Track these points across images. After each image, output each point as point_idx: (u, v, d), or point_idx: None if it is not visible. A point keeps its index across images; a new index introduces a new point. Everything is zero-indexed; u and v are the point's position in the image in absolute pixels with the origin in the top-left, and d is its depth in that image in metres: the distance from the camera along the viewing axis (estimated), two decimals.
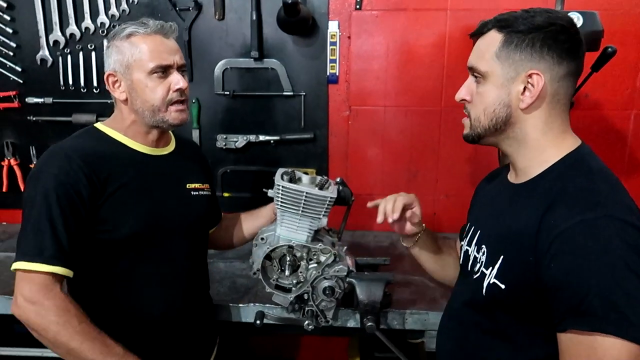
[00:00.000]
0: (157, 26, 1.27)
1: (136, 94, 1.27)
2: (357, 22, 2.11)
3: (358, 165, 2.25)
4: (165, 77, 1.27)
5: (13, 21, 2.16)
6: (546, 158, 1.00)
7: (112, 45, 1.29)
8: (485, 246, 1.06)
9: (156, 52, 1.25)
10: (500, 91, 0.98)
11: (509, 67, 0.97)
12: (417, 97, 2.16)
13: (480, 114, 1.02)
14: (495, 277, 0.99)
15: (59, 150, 1.22)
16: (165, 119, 1.29)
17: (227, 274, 1.85)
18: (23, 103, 2.22)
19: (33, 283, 1.15)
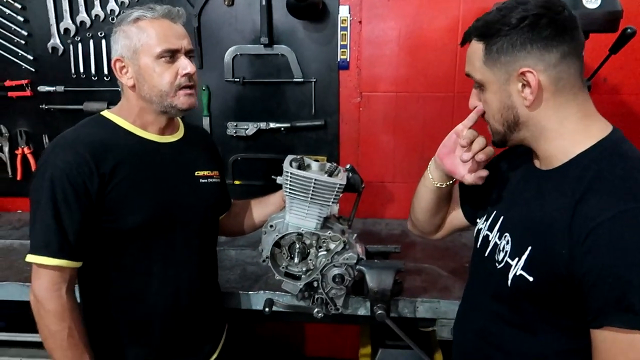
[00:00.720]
0: (165, 10, 1.25)
1: (144, 80, 1.25)
2: (368, 7, 2.07)
3: (369, 153, 2.22)
4: (173, 62, 1.25)
5: (24, 9, 2.17)
6: (572, 145, 0.95)
7: (119, 30, 1.27)
8: (509, 235, 1.02)
9: (164, 36, 1.23)
10: (501, 95, 0.97)
11: (499, 71, 0.95)
12: (429, 82, 2.12)
13: (493, 120, 1.02)
14: (523, 268, 0.95)
15: (64, 141, 1.22)
16: (173, 104, 1.27)
17: (237, 262, 1.85)
18: (35, 92, 2.24)
19: (42, 279, 1.19)
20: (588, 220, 0.84)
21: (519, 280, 0.96)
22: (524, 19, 0.91)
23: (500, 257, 1.03)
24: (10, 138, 2.32)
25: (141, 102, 1.29)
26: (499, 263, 1.03)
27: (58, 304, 1.18)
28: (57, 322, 1.19)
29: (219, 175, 1.49)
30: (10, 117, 2.30)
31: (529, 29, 0.91)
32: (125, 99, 1.33)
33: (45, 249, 1.16)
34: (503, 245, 1.03)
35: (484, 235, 1.14)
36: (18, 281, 1.69)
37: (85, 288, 1.32)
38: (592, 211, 0.84)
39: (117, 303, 1.30)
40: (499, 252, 1.04)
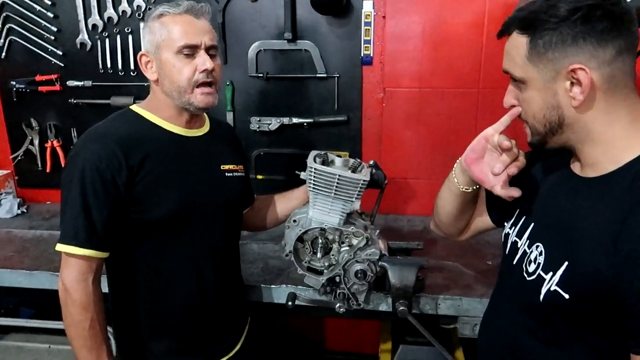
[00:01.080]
0: (188, 6, 1.27)
1: (164, 74, 1.28)
2: (392, 1, 2.06)
3: (392, 149, 2.22)
4: (193, 58, 1.26)
5: (54, 6, 2.21)
6: (621, 152, 0.86)
7: (145, 26, 1.31)
8: (542, 245, 0.94)
9: (184, 32, 1.25)
10: (545, 94, 0.88)
11: (545, 68, 0.86)
12: (453, 78, 2.10)
13: (533, 120, 0.93)
14: (557, 284, 0.87)
15: (94, 134, 1.25)
16: (190, 101, 1.28)
17: (260, 255, 1.87)
18: (64, 86, 2.29)
19: (70, 268, 1.23)
20: (637, 237, 0.76)
21: (553, 296, 0.88)
22: (576, 11, 0.82)
23: (531, 268, 0.96)
24: (41, 131, 2.38)
25: (164, 97, 1.32)
26: (530, 274, 0.96)
27: (84, 294, 1.22)
28: (82, 312, 1.22)
29: (244, 170, 1.51)
30: (41, 111, 2.36)
31: (582, 22, 0.82)
32: (153, 93, 1.36)
33: (74, 239, 1.20)
34: (535, 255, 0.95)
35: (513, 242, 1.07)
36: (48, 270, 1.74)
37: (112, 279, 1.36)
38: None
39: (143, 294, 1.33)
40: (529, 262, 0.97)
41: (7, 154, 2.45)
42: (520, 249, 1.02)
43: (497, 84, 2.05)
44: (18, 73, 2.30)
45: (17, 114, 2.38)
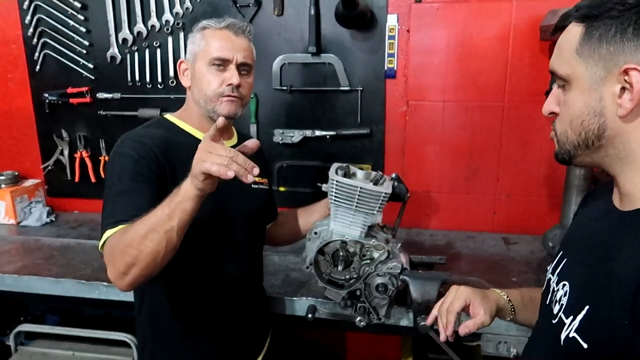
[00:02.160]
0: (229, 22, 1.34)
1: (195, 83, 1.34)
2: (416, 15, 2.06)
3: (415, 162, 2.20)
4: (223, 72, 1.31)
5: (86, 21, 2.29)
6: None
7: (190, 35, 1.38)
8: (568, 284, 0.84)
9: (219, 45, 1.30)
10: (589, 97, 0.76)
11: (595, 65, 0.74)
12: (478, 92, 2.09)
13: (567, 127, 0.80)
14: (576, 331, 0.77)
15: (132, 136, 1.28)
16: (215, 109, 1.32)
17: (280, 267, 1.87)
18: (94, 98, 2.35)
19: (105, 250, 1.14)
20: None
21: (572, 343, 0.78)
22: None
23: (555, 309, 0.86)
24: (70, 142, 2.45)
25: (193, 104, 1.37)
26: (554, 317, 0.85)
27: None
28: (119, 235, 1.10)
29: (268, 184, 1.53)
30: (71, 122, 2.43)
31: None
32: (186, 102, 1.41)
33: (120, 221, 1.13)
34: (560, 295, 0.85)
35: (548, 279, 0.97)
36: (74, 278, 1.77)
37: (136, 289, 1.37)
38: None
39: (166, 305, 1.34)
40: (554, 302, 0.87)
41: (38, 163, 2.52)
42: (551, 286, 0.93)
43: (522, 97, 2.03)
44: (51, 86, 2.38)
45: (48, 125, 2.45)
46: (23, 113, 2.47)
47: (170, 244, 1.07)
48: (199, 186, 1.03)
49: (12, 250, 2.07)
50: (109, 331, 1.91)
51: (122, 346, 1.91)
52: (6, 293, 1.85)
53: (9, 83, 2.46)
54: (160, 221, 1.05)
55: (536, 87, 1.96)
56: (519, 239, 2.11)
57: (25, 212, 2.42)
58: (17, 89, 2.45)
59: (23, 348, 2.02)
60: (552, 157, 0.91)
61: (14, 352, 2.01)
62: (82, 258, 1.96)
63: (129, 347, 1.87)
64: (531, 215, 2.15)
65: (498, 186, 2.17)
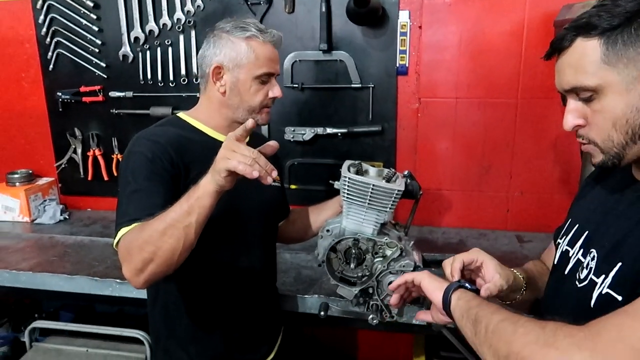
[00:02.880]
0: (274, 37, 1.35)
1: (238, 92, 1.33)
2: (428, 11, 2.05)
3: (427, 159, 2.19)
4: (266, 84, 1.34)
5: (99, 20, 2.31)
6: None
7: (225, 38, 1.31)
8: (595, 250, 0.90)
9: (268, 61, 1.32)
10: (628, 97, 0.82)
11: (626, 67, 0.81)
12: (491, 88, 2.07)
13: (611, 131, 0.85)
14: (610, 286, 0.83)
15: (146, 135, 1.29)
16: (255, 119, 1.32)
17: (292, 265, 1.87)
18: (106, 97, 2.37)
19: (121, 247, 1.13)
20: None
21: (605, 299, 0.83)
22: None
23: (583, 274, 0.91)
24: (83, 140, 2.47)
25: (224, 108, 1.36)
26: (581, 281, 0.91)
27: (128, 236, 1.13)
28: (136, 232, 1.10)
29: (280, 182, 1.53)
30: (84, 120, 2.45)
31: None
32: (208, 102, 1.38)
33: (134, 219, 1.14)
34: (587, 261, 0.91)
35: (563, 251, 1.02)
36: (87, 275, 1.79)
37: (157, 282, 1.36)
38: None
39: (180, 299, 1.34)
40: (581, 269, 0.93)
41: (51, 161, 2.55)
42: (572, 258, 0.98)
43: (536, 94, 2.01)
44: (64, 84, 2.40)
45: (62, 123, 2.48)
46: (36, 112, 2.50)
47: (188, 241, 1.08)
48: (220, 182, 1.05)
49: (27, 247, 2.10)
50: (122, 328, 1.92)
51: (135, 343, 1.92)
52: (21, 290, 1.87)
53: (22, 82, 2.48)
54: (179, 217, 1.06)
55: (550, 83, 1.90)
56: (532, 237, 2.09)
57: (39, 210, 2.45)
58: (31, 88, 2.47)
59: (38, 344, 2.05)
60: (567, 154, 0.95)
61: (28, 348, 2.04)
62: (95, 255, 1.98)
63: (142, 344, 1.89)
64: (545, 212, 2.13)
65: (511, 183, 2.15)
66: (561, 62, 0.89)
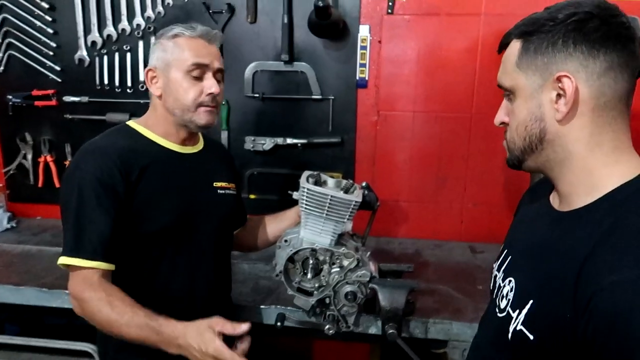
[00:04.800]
0: (203, 31, 1.31)
1: (170, 92, 1.30)
2: (388, 27, 2.10)
3: (385, 171, 2.23)
4: (200, 81, 1.30)
5: (54, 22, 2.24)
6: (596, 183, 0.80)
7: (158, 42, 1.33)
8: (514, 280, 0.89)
9: (196, 53, 1.29)
10: (530, 104, 0.83)
11: (533, 74, 0.82)
12: (447, 102, 2.13)
13: (514, 132, 0.88)
14: (523, 323, 0.82)
15: (93, 148, 1.26)
16: (192, 119, 1.32)
17: (250, 275, 1.85)
18: (60, 101, 2.30)
19: (77, 278, 1.20)
20: (595, 277, 0.70)
21: (519, 336, 0.82)
22: (572, 16, 0.78)
23: (502, 304, 0.91)
24: (34, 146, 2.38)
25: (165, 113, 1.34)
26: (501, 311, 0.91)
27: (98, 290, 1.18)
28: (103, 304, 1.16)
29: (236, 189, 1.53)
30: (35, 125, 2.36)
31: (575, 27, 0.78)
32: (153, 109, 1.38)
33: (78, 251, 1.19)
34: (507, 291, 0.90)
35: (494, 275, 1.02)
36: (35, 286, 1.72)
37: None
38: (601, 268, 0.70)
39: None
40: (501, 297, 0.92)
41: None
42: (497, 282, 0.98)
43: (489, 109, 2.07)
44: (15, 87, 2.31)
45: (12, 128, 2.38)
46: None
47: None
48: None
49: None
50: (71, 341, 1.85)
51: (84, 356, 1.85)
52: None
53: None
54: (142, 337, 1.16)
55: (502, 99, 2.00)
56: (485, 247, 2.16)
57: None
58: None
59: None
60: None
61: None
62: (44, 265, 1.90)
63: (92, 357, 1.82)
64: (497, 224, 2.20)
65: (465, 195, 2.22)
66: (503, 57, 0.91)
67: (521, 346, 0.82)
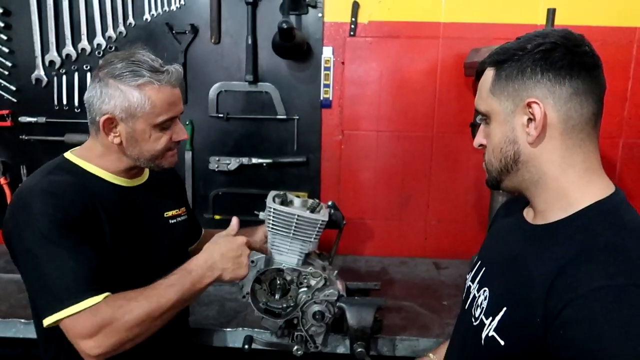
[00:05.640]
0: (170, 78, 1.21)
1: (136, 142, 1.22)
2: (351, 48, 2.14)
3: (350, 190, 2.25)
4: (168, 129, 1.25)
5: (10, 41, 2.17)
6: (569, 202, 0.86)
7: (113, 86, 1.18)
8: (488, 290, 0.95)
9: (167, 106, 1.21)
10: (504, 128, 0.89)
11: (506, 100, 0.88)
12: (409, 122, 2.18)
13: (491, 155, 0.93)
14: (495, 330, 0.87)
15: (43, 189, 1.15)
16: (161, 165, 1.29)
17: (215, 298, 1.82)
18: (16, 122, 2.22)
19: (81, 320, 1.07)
20: (566, 289, 0.75)
21: (491, 342, 0.87)
22: (540, 46, 0.85)
23: (477, 313, 0.95)
24: None
25: (122, 156, 1.26)
26: (476, 319, 0.95)
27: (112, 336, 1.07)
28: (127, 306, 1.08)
29: (186, 211, 1.48)
30: None
31: (542, 56, 0.84)
32: (102, 148, 1.26)
33: (69, 299, 1.06)
34: (481, 300, 0.95)
35: (467, 286, 1.08)
36: None
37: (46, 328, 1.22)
38: (572, 281, 0.75)
39: None
40: (476, 306, 0.97)
41: None
42: (472, 293, 1.02)
43: (449, 128, 2.15)
44: None
45: None
46: None
47: None
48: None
49: None
50: None
51: None
52: None
53: None
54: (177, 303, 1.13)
55: (462, 119, 2.08)
56: (449, 263, 2.20)
57: None
58: None
59: None
60: (478, 184, 1.06)
61: None
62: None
63: None
64: (460, 240, 2.25)
65: (429, 213, 2.26)
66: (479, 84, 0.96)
67: (493, 352, 0.87)
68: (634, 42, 2.05)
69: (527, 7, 2.04)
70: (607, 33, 2.03)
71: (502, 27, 2.04)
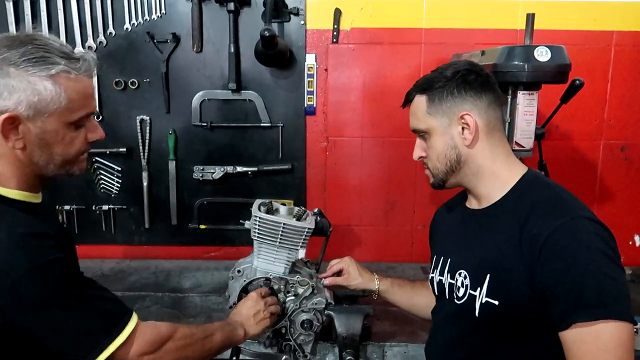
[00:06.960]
0: (88, 66, 1.01)
1: (44, 146, 0.99)
2: (334, 55, 2.15)
3: (336, 196, 2.25)
4: (84, 125, 1.04)
5: None
6: (504, 182, 1.11)
7: (16, 76, 0.93)
8: (465, 271, 1.12)
9: (84, 100, 1.01)
10: (445, 138, 1.12)
11: (442, 117, 1.11)
12: (393, 128, 2.19)
13: (436, 162, 1.15)
14: (487, 295, 1.05)
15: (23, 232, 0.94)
16: (72, 171, 1.07)
17: (202, 308, 1.80)
18: None
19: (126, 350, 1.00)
20: (536, 237, 0.98)
21: (487, 306, 1.05)
22: (457, 72, 1.11)
23: (460, 293, 1.13)
24: None
25: (25, 167, 1.01)
26: (459, 299, 1.12)
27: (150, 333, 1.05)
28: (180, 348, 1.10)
29: None
30: None
31: (462, 80, 1.10)
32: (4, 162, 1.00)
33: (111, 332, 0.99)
34: (460, 282, 1.13)
35: (438, 281, 1.24)
36: None
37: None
38: (538, 229, 0.98)
39: None
40: (457, 289, 1.14)
41: None
42: (446, 283, 1.19)
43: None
44: None
45: None
46: None
47: None
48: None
49: None
50: None
51: None
52: None
53: None
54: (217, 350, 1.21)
55: None
56: None
57: None
58: None
59: None
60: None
61: None
62: None
63: None
64: None
65: (415, 218, 2.27)
66: (410, 109, 1.19)
67: (488, 316, 1.05)
68: (612, 46, 2.09)
69: (506, 12, 2.07)
70: (585, 37, 2.07)
71: (483, 32, 2.06)
